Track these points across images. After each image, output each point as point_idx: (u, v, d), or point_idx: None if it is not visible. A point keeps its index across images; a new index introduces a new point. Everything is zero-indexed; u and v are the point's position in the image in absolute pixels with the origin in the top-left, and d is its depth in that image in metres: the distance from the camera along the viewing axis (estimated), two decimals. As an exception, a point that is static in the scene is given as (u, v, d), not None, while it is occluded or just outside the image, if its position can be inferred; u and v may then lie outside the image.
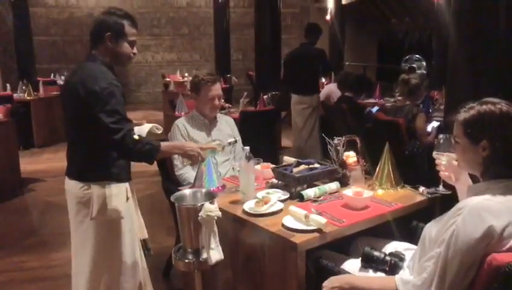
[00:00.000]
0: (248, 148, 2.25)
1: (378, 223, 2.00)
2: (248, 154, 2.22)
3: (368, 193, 2.09)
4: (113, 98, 1.91)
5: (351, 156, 2.40)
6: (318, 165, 2.41)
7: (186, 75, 9.33)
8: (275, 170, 2.41)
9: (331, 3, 10.06)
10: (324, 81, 7.48)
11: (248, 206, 2.04)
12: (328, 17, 10.19)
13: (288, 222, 1.87)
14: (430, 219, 1.70)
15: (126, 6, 10.59)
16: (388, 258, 1.76)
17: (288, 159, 2.61)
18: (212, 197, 1.79)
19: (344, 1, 10.21)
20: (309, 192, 2.17)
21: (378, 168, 2.31)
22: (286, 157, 2.71)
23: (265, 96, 5.74)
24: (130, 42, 2.06)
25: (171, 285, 3.00)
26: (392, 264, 1.75)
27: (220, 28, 10.37)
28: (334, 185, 2.28)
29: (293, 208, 1.96)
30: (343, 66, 9.74)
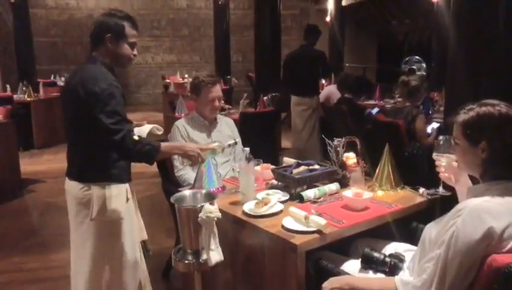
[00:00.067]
0: (248, 149, 2.26)
1: (378, 224, 2.00)
2: (248, 155, 2.22)
3: (368, 194, 2.09)
4: (113, 99, 1.91)
5: (350, 157, 2.40)
6: (318, 167, 2.41)
7: (186, 76, 9.34)
8: (274, 171, 2.41)
9: (330, 5, 10.08)
10: (324, 82, 7.49)
11: (248, 207, 2.04)
12: (328, 18, 10.21)
13: (288, 223, 1.87)
14: (430, 220, 1.70)
15: (126, 8, 10.61)
16: (388, 259, 1.76)
17: (288, 160, 2.61)
18: (212, 198, 1.79)
19: (344, 2, 10.22)
20: (309, 193, 2.17)
21: (378, 170, 2.32)
22: (286, 158, 2.71)
23: (265, 98, 5.74)
24: (131, 44, 2.06)
25: (170, 286, 3.00)
26: (392, 266, 1.74)
27: (220, 29, 10.39)
28: (334, 186, 2.28)
29: (293, 209, 1.96)
30: (343, 68, 9.74)
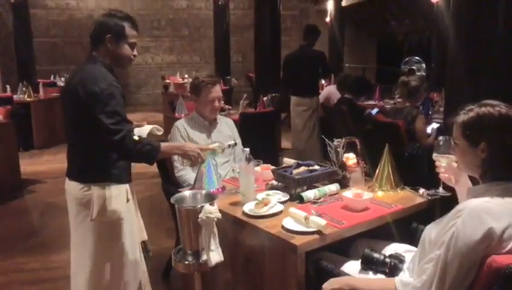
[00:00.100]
0: (248, 149, 2.26)
1: (378, 225, 2.00)
2: (248, 155, 2.22)
3: (368, 195, 2.09)
4: (113, 99, 1.92)
5: (350, 157, 2.40)
6: (318, 167, 2.41)
7: (186, 76, 9.35)
8: (274, 171, 2.41)
9: (330, 5, 10.09)
10: (324, 83, 7.49)
11: (248, 207, 2.04)
12: (328, 19, 10.21)
13: (288, 224, 1.87)
14: (430, 221, 1.70)
15: (126, 8, 10.62)
16: (388, 260, 1.76)
17: (288, 161, 2.61)
18: (212, 199, 1.79)
19: (344, 3, 10.23)
20: (309, 194, 2.17)
21: (378, 170, 2.32)
22: (286, 158, 2.71)
23: (265, 98, 5.74)
24: (131, 44, 2.06)
25: (170, 287, 2.99)
26: (392, 266, 1.74)
27: (219, 29, 10.39)
28: (334, 187, 2.28)
29: (292, 209, 1.96)
30: (342, 68, 9.75)
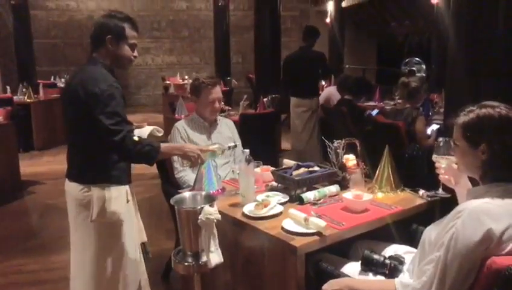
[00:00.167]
0: (248, 151, 2.26)
1: (378, 226, 2.00)
2: (248, 157, 2.22)
3: (368, 196, 2.09)
4: (113, 100, 1.92)
5: (350, 159, 2.40)
6: (318, 168, 2.41)
7: (186, 77, 9.35)
8: (274, 172, 2.41)
9: (330, 6, 10.10)
10: (324, 84, 7.49)
11: (248, 209, 2.04)
12: (328, 20, 10.22)
13: (288, 225, 1.87)
14: (430, 222, 1.70)
15: (126, 9, 10.62)
16: (388, 261, 1.76)
17: (288, 162, 2.61)
18: (211, 200, 1.79)
19: (344, 4, 10.23)
20: (309, 195, 2.17)
21: (378, 171, 2.31)
22: (286, 160, 2.71)
23: (265, 99, 5.74)
24: (131, 45, 2.06)
25: (170, 288, 2.99)
26: (391, 268, 1.74)
27: (219, 30, 10.39)
28: (333, 188, 2.28)
29: (292, 211, 1.95)
30: (342, 69, 9.75)
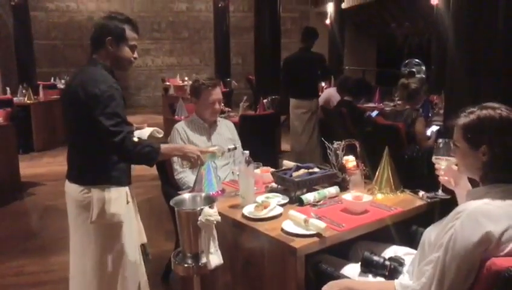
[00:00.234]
0: (248, 152, 2.26)
1: (377, 227, 2.00)
2: (248, 158, 2.22)
3: (368, 198, 2.09)
4: (113, 101, 1.92)
5: (350, 160, 2.40)
6: (317, 170, 2.41)
7: (186, 79, 9.36)
8: (274, 174, 2.41)
9: (330, 8, 10.10)
10: (324, 85, 7.49)
11: (247, 210, 2.04)
12: (328, 21, 10.23)
13: (288, 227, 1.87)
14: (430, 224, 1.70)
15: (126, 10, 10.64)
16: (388, 262, 1.76)
17: (288, 163, 2.61)
18: (211, 202, 1.79)
19: (343, 5, 10.24)
20: (308, 196, 2.17)
21: (377, 173, 2.31)
22: (286, 161, 2.71)
23: (265, 100, 5.74)
24: (131, 46, 2.06)
25: (170, 289, 2.99)
26: (391, 269, 1.74)
27: (219, 32, 10.40)
28: (333, 190, 2.28)
29: (292, 212, 1.95)
30: (342, 70, 9.76)
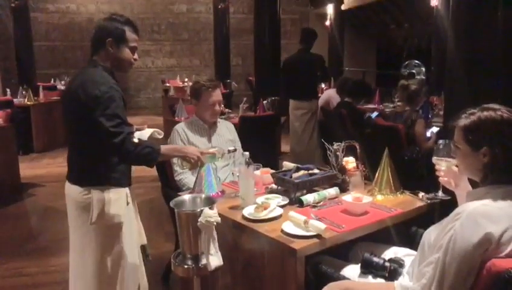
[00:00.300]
0: (247, 153, 2.26)
1: (377, 228, 2.00)
2: (247, 159, 2.22)
3: (368, 199, 2.09)
4: (113, 102, 1.92)
5: (350, 161, 2.41)
6: (317, 171, 2.41)
7: (186, 80, 9.37)
8: (274, 175, 2.41)
9: (330, 9, 10.10)
10: (324, 86, 7.50)
11: (247, 211, 2.04)
12: (328, 22, 10.23)
13: (288, 228, 1.87)
14: (430, 225, 1.70)
15: (126, 12, 10.65)
16: (388, 264, 1.76)
17: (288, 165, 2.61)
18: (211, 203, 1.78)
19: (343, 7, 10.24)
20: (308, 197, 2.17)
21: (377, 174, 2.32)
22: (286, 162, 2.71)
23: (265, 102, 5.74)
24: (131, 48, 2.07)
25: (170, 290, 2.99)
26: (391, 270, 1.74)
27: (219, 33, 10.41)
28: (333, 191, 2.28)
29: (292, 213, 1.95)
30: (342, 72, 9.75)
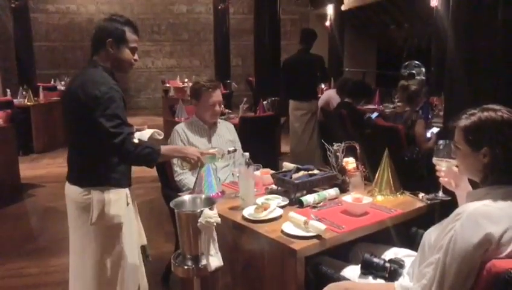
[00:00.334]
0: (247, 154, 2.26)
1: (377, 229, 2.00)
2: (247, 160, 2.22)
3: (368, 199, 2.09)
4: (113, 103, 1.92)
5: (350, 162, 2.41)
6: (317, 171, 2.41)
7: (186, 80, 9.37)
8: (274, 175, 2.41)
9: (330, 10, 10.10)
10: (323, 87, 7.50)
11: (247, 212, 2.04)
12: (328, 23, 10.23)
13: (288, 228, 1.87)
14: (430, 225, 1.70)
15: (126, 12, 10.66)
16: (388, 264, 1.76)
17: (288, 165, 2.61)
18: (211, 203, 1.78)
19: (343, 7, 10.24)
20: (308, 198, 2.17)
21: (377, 174, 2.31)
22: (286, 163, 2.71)
23: (265, 102, 5.74)
24: (131, 48, 2.07)
25: (170, 291, 2.99)
26: (391, 271, 1.74)
27: (219, 34, 10.41)
28: (333, 191, 2.28)
29: (292, 214, 1.95)
30: (342, 72, 9.75)
